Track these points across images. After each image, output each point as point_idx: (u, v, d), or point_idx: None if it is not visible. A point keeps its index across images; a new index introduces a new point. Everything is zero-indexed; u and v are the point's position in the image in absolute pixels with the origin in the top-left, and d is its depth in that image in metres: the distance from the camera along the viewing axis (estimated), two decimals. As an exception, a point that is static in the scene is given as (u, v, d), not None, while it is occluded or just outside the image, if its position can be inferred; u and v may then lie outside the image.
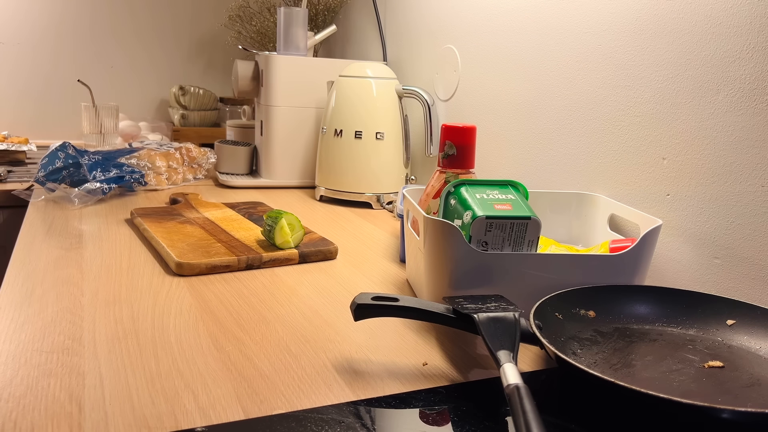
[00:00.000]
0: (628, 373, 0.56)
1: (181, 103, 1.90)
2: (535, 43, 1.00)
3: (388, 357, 0.62)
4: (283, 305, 0.74)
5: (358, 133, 1.22)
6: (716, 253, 0.73)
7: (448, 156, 0.79)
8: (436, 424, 0.51)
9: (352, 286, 0.81)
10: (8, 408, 0.50)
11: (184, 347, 0.61)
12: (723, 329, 0.63)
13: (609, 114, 0.87)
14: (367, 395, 0.55)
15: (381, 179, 1.24)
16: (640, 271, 0.70)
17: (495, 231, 0.68)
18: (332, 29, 1.49)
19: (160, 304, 0.72)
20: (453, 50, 1.23)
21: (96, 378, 0.55)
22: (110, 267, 0.82)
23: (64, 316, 0.67)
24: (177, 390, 0.54)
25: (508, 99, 1.07)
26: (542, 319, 0.60)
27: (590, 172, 0.91)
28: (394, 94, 1.25)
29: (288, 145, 1.37)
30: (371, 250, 0.97)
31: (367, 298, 0.60)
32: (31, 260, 0.83)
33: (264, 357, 0.60)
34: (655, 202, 0.80)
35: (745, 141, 0.69)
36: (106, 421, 0.49)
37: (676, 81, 0.77)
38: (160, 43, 2.01)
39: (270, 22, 1.84)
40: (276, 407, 0.52)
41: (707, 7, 0.72)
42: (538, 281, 0.68)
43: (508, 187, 0.74)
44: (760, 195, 0.68)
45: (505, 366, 0.51)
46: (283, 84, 1.34)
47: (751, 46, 0.68)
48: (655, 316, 0.66)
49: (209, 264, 0.82)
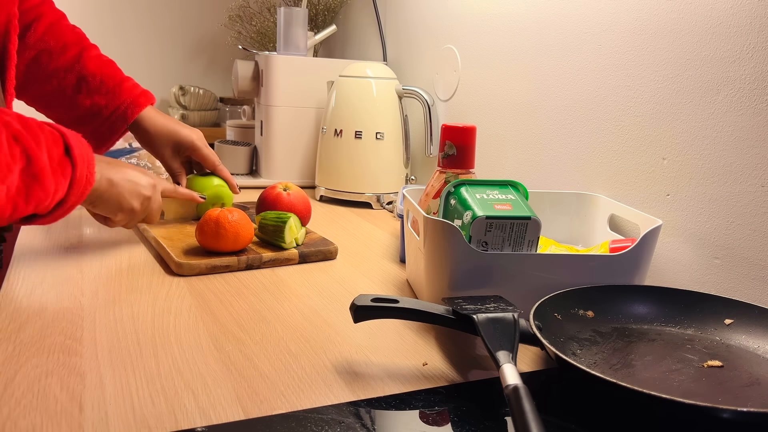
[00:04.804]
0: (628, 373, 0.56)
1: (181, 103, 1.90)
2: (535, 43, 1.00)
3: (388, 357, 0.62)
4: (283, 305, 0.74)
5: (358, 133, 1.22)
6: (716, 253, 0.73)
7: (448, 156, 0.79)
8: (436, 424, 0.51)
9: (352, 286, 0.81)
10: (8, 408, 0.50)
11: (184, 347, 0.61)
12: (721, 329, 0.63)
13: (609, 114, 0.87)
14: (367, 395, 0.55)
15: (381, 179, 1.24)
16: (640, 271, 0.71)
17: (495, 231, 0.68)
18: (332, 29, 1.49)
19: (160, 304, 0.72)
20: (453, 50, 1.23)
21: (96, 378, 0.55)
22: (110, 267, 0.82)
23: (64, 316, 0.67)
24: (177, 390, 0.54)
25: (508, 99, 1.08)
26: (541, 319, 0.60)
27: (590, 172, 0.91)
28: (394, 94, 1.25)
29: (288, 145, 1.37)
30: (371, 250, 0.97)
31: (366, 300, 0.60)
32: (31, 260, 0.83)
33: (264, 357, 0.61)
34: (655, 202, 0.80)
35: (745, 141, 0.69)
36: (106, 421, 0.49)
37: (676, 81, 0.77)
38: (160, 43, 2.01)
39: (270, 22, 1.84)
40: (276, 407, 0.52)
41: (707, 7, 0.72)
42: (537, 281, 0.68)
43: (508, 187, 0.74)
44: (760, 195, 0.68)
45: (504, 366, 0.51)
46: (283, 84, 1.34)
47: (751, 46, 0.68)
48: (653, 315, 0.66)
49: (209, 264, 0.82)
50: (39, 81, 0.92)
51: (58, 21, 0.95)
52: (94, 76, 0.94)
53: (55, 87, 0.93)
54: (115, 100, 0.95)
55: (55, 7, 0.96)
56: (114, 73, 0.97)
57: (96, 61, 0.96)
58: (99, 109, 0.94)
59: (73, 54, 0.94)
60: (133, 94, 0.96)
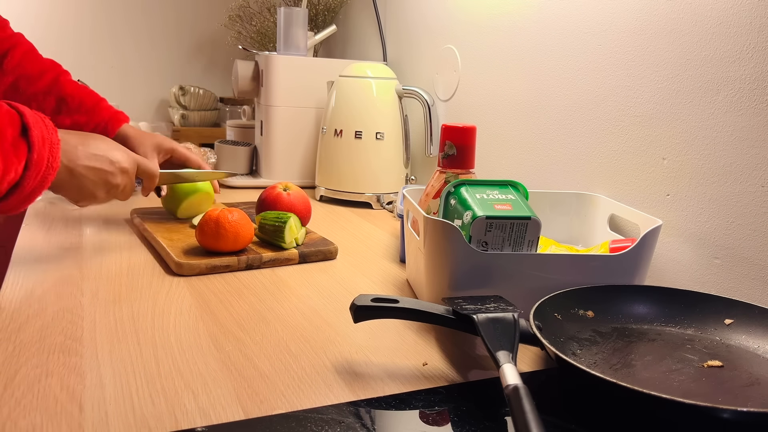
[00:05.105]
0: (628, 373, 0.56)
1: (181, 103, 1.90)
2: (535, 43, 1.00)
3: (388, 357, 0.62)
4: (283, 305, 0.74)
5: (358, 133, 1.22)
6: (716, 253, 0.73)
7: (448, 156, 0.79)
8: (436, 424, 0.51)
9: (352, 286, 0.81)
10: (8, 408, 0.50)
11: (184, 347, 0.61)
12: (721, 328, 0.63)
13: (609, 114, 0.87)
14: (367, 395, 0.55)
15: (381, 179, 1.24)
16: (639, 272, 0.71)
17: (495, 231, 0.68)
18: (332, 29, 1.49)
19: (160, 304, 0.72)
20: (453, 50, 1.23)
21: (96, 378, 0.55)
22: (110, 267, 0.82)
23: (64, 316, 0.67)
24: (177, 390, 0.54)
25: (508, 99, 1.08)
26: (541, 319, 0.60)
27: (590, 172, 0.91)
28: (394, 94, 1.25)
29: (288, 145, 1.37)
30: (371, 250, 0.97)
31: (366, 300, 0.60)
32: (31, 260, 0.83)
33: (264, 357, 0.61)
34: (655, 202, 0.80)
35: (745, 141, 0.69)
36: (106, 421, 0.49)
37: (676, 81, 0.77)
38: (160, 43, 2.01)
39: (270, 22, 1.84)
40: (276, 407, 0.52)
41: (707, 7, 0.72)
42: (537, 281, 0.68)
43: (508, 187, 0.74)
44: (760, 195, 0.68)
45: (504, 366, 0.51)
46: (283, 84, 1.34)
47: (751, 46, 0.68)
48: (653, 315, 0.66)
49: (209, 264, 0.82)
50: None
51: (32, 50, 1.02)
52: (73, 97, 1.00)
53: (35, 110, 0.95)
54: (95, 118, 1.00)
55: (26, 38, 1.03)
56: (91, 94, 1.02)
57: (73, 84, 1.02)
58: (80, 126, 0.99)
59: (50, 78, 0.99)
60: (111, 112, 1.02)
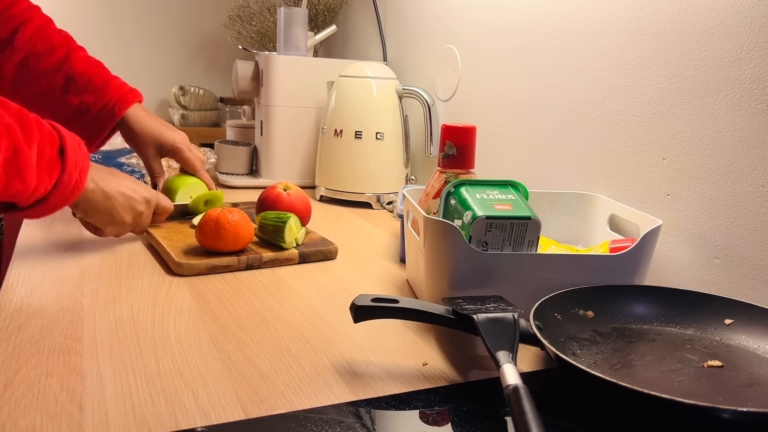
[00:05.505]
0: (628, 373, 0.56)
1: (181, 103, 1.90)
2: (535, 43, 1.00)
3: (388, 357, 0.62)
4: (283, 305, 0.74)
5: (358, 133, 1.22)
6: (716, 253, 0.73)
7: (448, 156, 0.79)
8: (436, 424, 0.51)
9: (352, 286, 0.81)
10: (8, 408, 0.50)
11: (184, 347, 0.61)
12: (721, 329, 0.63)
13: (609, 114, 0.87)
14: (367, 395, 0.55)
15: (381, 179, 1.24)
16: (640, 271, 0.71)
17: (495, 231, 0.68)
18: (332, 29, 1.49)
19: (160, 304, 0.72)
20: (453, 50, 1.23)
21: (96, 378, 0.55)
22: (110, 267, 0.82)
23: (64, 316, 0.67)
24: (177, 390, 0.54)
25: (508, 99, 1.08)
26: (541, 319, 0.60)
27: (590, 172, 0.91)
28: (394, 94, 1.25)
29: (288, 145, 1.37)
30: (371, 250, 0.97)
31: (366, 300, 0.60)
32: (31, 260, 0.83)
33: (264, 357, 0.61)
34: (655, 202, 0.80)
35: (745, 141, 0.69)
36: (106, 421, 0.49)
37: (676, 81, 0.77)
38: (160, 43, 2.01)
39: (270, 22, 1.84)
40: (276, 407, 0.52)
41: (707, 7, 0.72)
42: (537, 281, 0.68)
43: (508, 187, 0.74)
44: (760, 195, 0.68)
45: (504, 366, 0.51)
46: (283, 84, 1.34)
47: (751, 46, 0.68)
48: (653, 315, 0.66)
49: (209, 264, 0.82)
50: (28, 82, 0.94)
51: (45, 25, 0.97)
52: (82, 75, 0.97)
53: (45, 88, 0.95)
54: (102, 98, 0.97)
55: (42, 12, 0.98)
56: (101, 72, 0.99)
57: (83, 61, 0.98)
58: (87, 107, 0.96)
59: (60, 55, 0.96)
60: (120, 92, 0.98)
